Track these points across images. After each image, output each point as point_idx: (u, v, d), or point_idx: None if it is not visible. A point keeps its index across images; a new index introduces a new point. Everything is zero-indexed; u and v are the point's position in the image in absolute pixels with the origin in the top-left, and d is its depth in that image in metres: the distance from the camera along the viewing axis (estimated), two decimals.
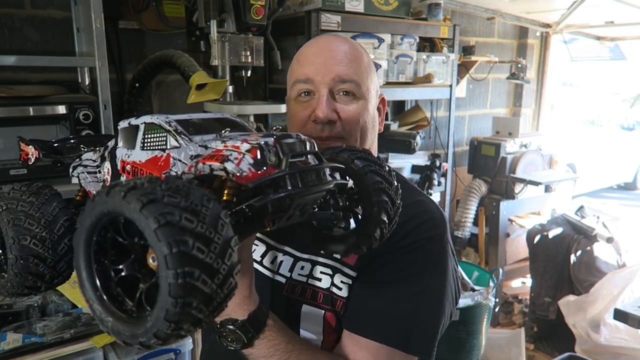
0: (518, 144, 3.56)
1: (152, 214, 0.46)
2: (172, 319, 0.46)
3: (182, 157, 0.62)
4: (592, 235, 3.15)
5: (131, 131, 0.70)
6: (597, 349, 2.70)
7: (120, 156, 0.71)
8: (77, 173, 0.81)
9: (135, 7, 2.29)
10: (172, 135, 0.64)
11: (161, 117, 0.67)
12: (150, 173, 0.65)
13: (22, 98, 1.73)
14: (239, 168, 0.58)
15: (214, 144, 0.63)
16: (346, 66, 0.98)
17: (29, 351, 1.53)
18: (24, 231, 0.71)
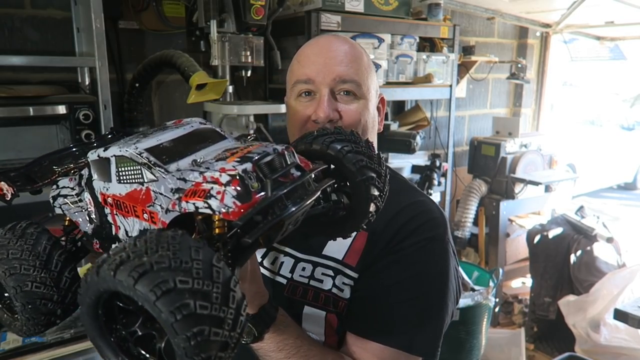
0: (518, 144, 3.56)
1: (147, 287, 0.46)
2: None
3: (162, 191, 0.61)
4: (592, 235, 3.15)
5: (103, 164, 0.67)
6: (597, 349, 2.70)
7: (98, 188, 0.70)
8: (58, 204, 0.79)
9: (135, 7, 2.29)
10: (146, 168, 0.62)
11: (130, 149, 0.64)
12: (134, 207, 0.64)
13: (22, 98, 1.73)
14: (223, 204, 0.55)
15: (192, 176, 0.60)
16: (347, 66, 0.99)
17: (29, 351, 1.53)
18: (23, 278, 0.70)
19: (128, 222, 0.66)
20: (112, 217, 0.69)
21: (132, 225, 0.66)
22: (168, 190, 0.60)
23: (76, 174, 0.79)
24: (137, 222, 0.65)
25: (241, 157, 0.61)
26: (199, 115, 2.70)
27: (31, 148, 1.79)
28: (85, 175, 0.74)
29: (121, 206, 0.66)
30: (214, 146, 0.69)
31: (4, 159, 1.73)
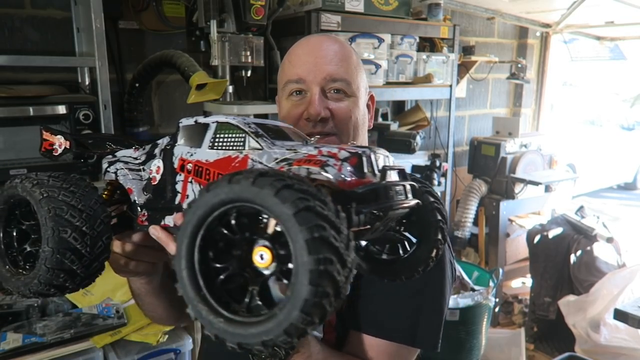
0: (518, 144, 3.56)
1: (288, 199, 0.45)
2: (309, 310, 0.44)
3: (263, 160, 0.62)
4: (592, 235, 3.15)
5: (197, 129, 0.68)
6: (597, 349, 2.69)
7: (178, 154, 0.70)
8: (114, 169, 0.78)
9: (135, 7, 2.29)
10: (251, 137, 0.64)
11: (237, 118, 0.66)
12: (220, 173, 0.64)
13: (22, 98, 1.73)
14: (341, 174, 0.57)
15: (305, 150, 0.62)
16: (337, 65, 1.01)
17: (29, 351, 1.53)
18: (65, 223, 0.66)
19: None
20: (183, 184, 0.68)
21: None
22: (271, 160, 0.61)
23: (144, 148, 0.79)
24: None
25: (356, 146, 0.63)
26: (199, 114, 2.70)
27: (31, 148, 1.79)
28: (163, 144, 0.74)
29: (202, 173, 0.66)
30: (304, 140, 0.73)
31: (4, 159, 1.72)
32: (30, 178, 0.70)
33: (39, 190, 0.67)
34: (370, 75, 2.51)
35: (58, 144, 0.84)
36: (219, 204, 0.51)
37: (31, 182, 0.69)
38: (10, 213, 0.74)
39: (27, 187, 0.68)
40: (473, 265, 2.99)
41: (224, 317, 0.51)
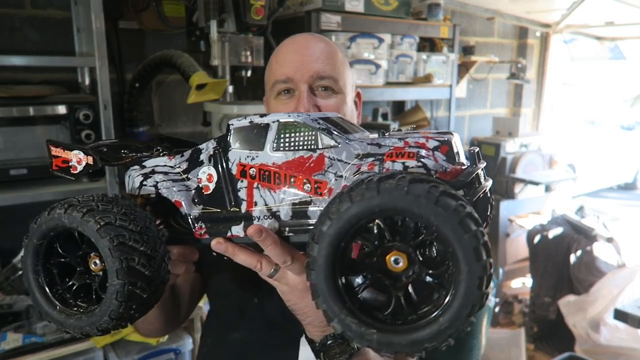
0: (518, 144, 3.55)
1: (449, 207, 0.47)
2: (471, 311, 0.49)
3: (343, 157, 0.60)
4: (592, 235, 3.15)
5: (255, 131, 0.64)
6: (597, 349, 2.69)
7: (235, 159, 0.65)
8: (152, 182, 0.70)
9: (135, 7, 2.28)
10: (323, 134, 0.61)
11: (301, 115, 0.63)
12: (292, 177, 0.60)
13: (22, 98, 1.73)
14: (440, 165, 0.57)
15: (389, 142, 0.60)
16: (323, 63, 1.01)
17: (29, 351, 1.53)
18: (130, 250, 0.60)
19: (275, 195, 0.62)
20: (247, 191, 0.64)
21: (281, 198, 0.61)
22: (351, 156, 0.60)
23: (182, 155, 0.72)
24: (290, 194, 0.61)
25: (437, 132, 0.62)
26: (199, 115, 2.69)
27: (31, 148, 1.79)
28: (209, 149, 0.68)
29: (270, 177, 0.62)
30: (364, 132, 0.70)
31: (4, 159, 1.72)
32: (75, 205, 0.63)
33: (94, 220, 0.61)
34: (370, 75, 2.51)
35: (76, 160, 0.75)
36: (367, 214, 0.50)
37: (79, 210, 0.62)
38: (48, 247, 0.66)
39: (77, 217, 0.62)
40: None
41: (376, 327, 0.51)
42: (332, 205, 0.53)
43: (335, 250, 0.51)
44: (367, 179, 0.51)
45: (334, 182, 0.59)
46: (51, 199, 1.85)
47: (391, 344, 0.50)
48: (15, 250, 1.89)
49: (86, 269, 0.66)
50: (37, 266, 0.66)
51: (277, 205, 0.62)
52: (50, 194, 1.80)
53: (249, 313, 1.03)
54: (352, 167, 0.59)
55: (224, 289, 1.10)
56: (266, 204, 0.63)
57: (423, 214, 0.48)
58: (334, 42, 1.13)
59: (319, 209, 0.59)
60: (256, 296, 1.03)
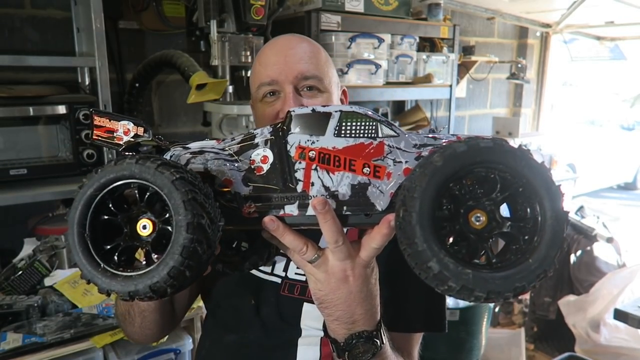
0: (518, 144, 3.55)
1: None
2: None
3: (402, 146, 0.66)
4: (592, 235, 3.15)
5: (317, 118, 0.68)
6: (597, 349, 2.69)
7: (294, 142, 0.68)
8: (202, 160, 0.70)
9: (135, 7, 2.29)
10: (384, 125, 0.67)
11: (361, 108, 0.68)
12: (352, 160, 0.65)
13: (22, 98, 1.73)
14: None
15: (443, 136, 0.67)
16: (307, 63, 1.01)
17: (29, 351, 1.53)
18: (201, 209, 0.59)
19: (334, 177, 0.66)
20: (305, 172, 0.67)
21: (340, 179, 0.66)
22: (410, 145, 0.66)
23: (231, 139, 0.73)
24: (349, 176, 0.66)
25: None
26: (199, 115, 2.69)
27: (31, 148, 1.79)
28: (264, 134, 0.70)
29: (330, 160, 0.66)
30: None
31: (4, 159, 1.72)
32: (149, 158, 0.61)
33: (169, 171, 0.59)
34: (370, 75, 2.51)
35: (123, 130, 0.71)
36: (474, 162, 0.59)
37: (153, 162, 0.60)
38: (102, 201, 0.63)
39: (152, 168, 0.59)
40: None
41: (471, 268, 0.57)
42: (439, 151, 0.61)
43: (436, 195, 0.58)
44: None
45: (392, 167, 0.65)
46: (51, 199, 1.85)
47: (485, 282, 0.56)
48: (15, 250, 1.89)
49: (131, 233, 0.64)
50: (84, 219, 0.62)
51: (335, 186, 0.66)
52: (50, 194, 1.80)
53: (246, 314, 1.03)
54: (410, 155, 0.66)
55: (220, 290, 1.10)
56: (324, 184, 0.67)
57: (518, 168, 0.57)
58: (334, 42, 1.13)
59: (378, 190, 0.66)
60: (253, 297, 1.03)
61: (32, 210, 1.98)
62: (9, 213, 1.93)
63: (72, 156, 1.82)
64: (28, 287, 1.76)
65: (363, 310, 0.76)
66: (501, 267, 0.58)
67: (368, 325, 0.77)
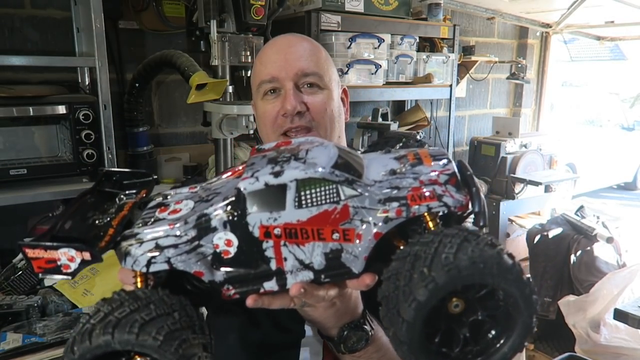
0: (518, 144, 3.55)
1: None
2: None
3: (366, 204, 0.63)
4: (592, 235, 3.15)
5: (272, 193, 0.63)
6: (597, 349, 2.69)
7: (256, 222, 0.63)
8: (163, 259, 0.65)
9: (135, 7, 2.29)
10: (344, 185, 0.63)
11: (318, 170, 0.62)
12: (320, 229, 0.62)
13: (22, 98, 1.73)
14: (456, 200, 0.63)
15: (406, 183, 0.64)
16: (307, 60, 1.02)
17: (29, 351, 1.53)
18: (193, 349, 0.58)
19: (305, 248, 0.63)
20: (274, 249, 0.64)
21: (311, 250, 0.63)
22: (374, 202, 0.63)
23: (184, 221, 0.67)
24: (320, 245, 0.63)
25: (434, 158, 0.68)
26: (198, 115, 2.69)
27: (31, 148, 1.79)
28: (220, 215, 0.65)
29: (297, 234, 0.63)
30: (374, 160, 0.73)
31: (4, 159, 1.72)
32: (117, 324, 0.56)
33: (151, 336, 0.56)
34: (370, 75, 2.51)
35: (67, 258, 0.64)
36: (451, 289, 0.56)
37: (128, 330, 0.57)
38: None
39: (132, 339, 0.55)
40: None
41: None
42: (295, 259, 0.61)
43: (424, 318, 0.56)
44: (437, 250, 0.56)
45: (361, 228, 0.63)
46: (51, 199, 1.85)
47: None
48: (15, 250, 1.89)
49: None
50: None
51: (308, 257, 0.64)
52: (50, 194, 1.80)
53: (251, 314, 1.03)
54: (378, 213, 0.63)
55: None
56: (297, 258, 0.64)
57: (496, 282, 0.55)
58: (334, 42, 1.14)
59: (352, 256, 0.64)
60: None
61: (32, 210, 1.98)
62: (9, 213, 1.93)
63: (72, 156, 1.82)
64: (28, 287, 1.76)
65: (348, 311, 0.82)
66: (476, 356, 0.59)
67: (353, 316, 0.83)
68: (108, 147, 1.85)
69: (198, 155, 2.58)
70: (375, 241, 0.63)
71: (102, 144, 1.85)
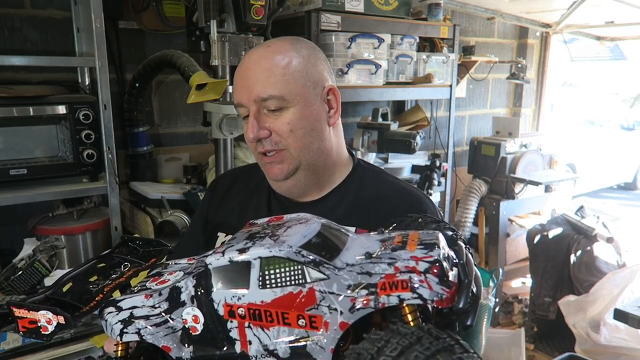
0: (518, 144, 3.55)
1: None
2: None
3: (334, 289, 0.58)
4: (592, 235, 3.15)
5: (236, 269, 0.61)
6: (597, 349, 2.69)
7: (220, 300, 0.61)
8: (134, 329, 0.65)
9: (135, 7, 2.29)
10: (311, 267, 0.59)
11: (283, 249, 0.59)
12: (285, 314, 0.59)
13: (22, 98, 1.73)
14: (435, 292, 0.55)
15: (379, 269, 0.57)
16: (263, 84, 1.01)
17: (29, 351, 1.53)
18: None
19: (269, 333, 0.60)
20: (239, 331, 0.61)
21: (276, 335, 0.60)
22: (343, 288, 0.57)
23: (159, 293, 0.67)
24: (285, 330, 0.59)
25: (421, 243, 0.60)
26: (198, 115, 2.69)
27: (31, 148, 1.79)
28: (188, 289, 0.64)
29: (261, 316, 0.59)
30: (359, 240, 0.67)
31: (4, 159, 1.72)
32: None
33: None
34: (370, 75, 2.51)
35: (45, 320, 0.67)
36: None
37: None
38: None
39: None
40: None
41: None
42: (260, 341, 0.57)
43: None
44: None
45: (329, 315, 0.58)
46: (51, 199, 1.85)
47: None
48: (15, 250, 1.89)
49: None
50: None
51: (273, 343, 0.60)
52: (50, 194, 1.80)
53: None
54: (345, 300, 0.57)
55: None
56: (261, 342, 0.61)
57: None
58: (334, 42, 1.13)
59: (318, 346, 0.58)
60: None
61: (32, 210, 1.97)
62: (9, 213, 1.93)
63: (72, 156, 1.82)
64: (28, 287, 1.76)
65: None
66: None
67: None
68: (108, 147, 1.85)
69: (198, 155, 2.58)
70: (341, 332, 0.57)
71: (102, 144, 1.85)
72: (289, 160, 1.07)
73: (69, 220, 1.93)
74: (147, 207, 2.18)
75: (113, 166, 1.86)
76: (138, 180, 2.34)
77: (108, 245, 1.93)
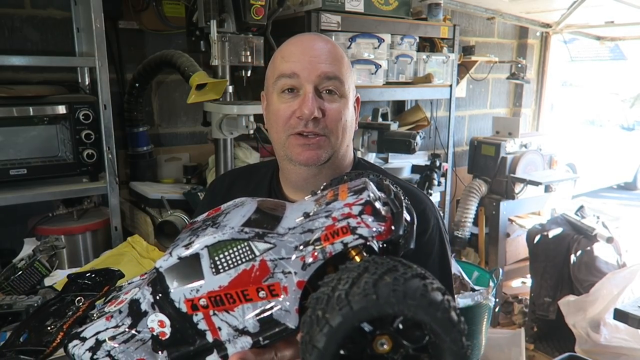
0: (518, 144, 3.55)
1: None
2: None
3: (283, 254, 0.60)
4: (592, 235, 3.15)
5: (187, 264, 0.62)
6: (597, 349, 2.69)
7: (179, 298, 0.63)
8: (104, 353, 0.66)
9: (135, 7, 2.29)
10: (256, 240, 0.61)
11: (226, 232, 0.61)
12: (244, 291, 0.60)
13: (22, 98, 1.73)
14: (372, 230, 0.58)
15: (318, 223, 0.61)
16: (331, 64, 1.00)
17: None
18: None
19: (235, 313, 0.62)
20: (206, 321, 0.63)
21: (242, 314, 0.61)
22: (290, 250, 0.60)
23: (117, 312, 0.67)
24: (249, 307, 0.61)
25: (351, 191, 0.64)
26: (198, 115, 2.69)
27: (31, 148, 1.79)
28: (146, 297, 0.65)
29: (223, 300, 0.61)
30: (296, 206, 0.70)
31: (4, 159, 1.72)
32: None
33: None
34: (370, 75, 2.51)
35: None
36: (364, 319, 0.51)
37: None
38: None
39: None
40: (473, 265, 2.98)
41: None
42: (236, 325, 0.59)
43: (344, 335, 0.52)
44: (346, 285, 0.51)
45: (285, 280, 0.60)
46: (51, 199, 1.85)
47: None
48: (15, 250, 1.89)
49: None
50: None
51: (241, 322, 0.62)
52: (50, 194, 1.80)
53: None
54: (296, 260, 0.60)
55: None
56: (230, 325, 0.62)
57: (416, 316, 0.50)
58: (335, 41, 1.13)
59: (282, 311, 0.60)
60: None
61: (32, 210, 1.98)
62: (9, 213, 1.93)
63: (72, 156, 1.82)
64: (28, 287, 1.76)
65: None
66: None
67: None
68: (108, 147, 1.85)
69: (198, 155, 2.58)
70: (300, 290, 0.59)
71: (102, 144, 1.85)
72: (327, 148, 1.02)
73: (69, 220, 1.93)
74: (147, 207, 2.18)
75: (113, 166, 1.86)
76: (138, 180, 2.34)
77: (108, 245, 1.93)
